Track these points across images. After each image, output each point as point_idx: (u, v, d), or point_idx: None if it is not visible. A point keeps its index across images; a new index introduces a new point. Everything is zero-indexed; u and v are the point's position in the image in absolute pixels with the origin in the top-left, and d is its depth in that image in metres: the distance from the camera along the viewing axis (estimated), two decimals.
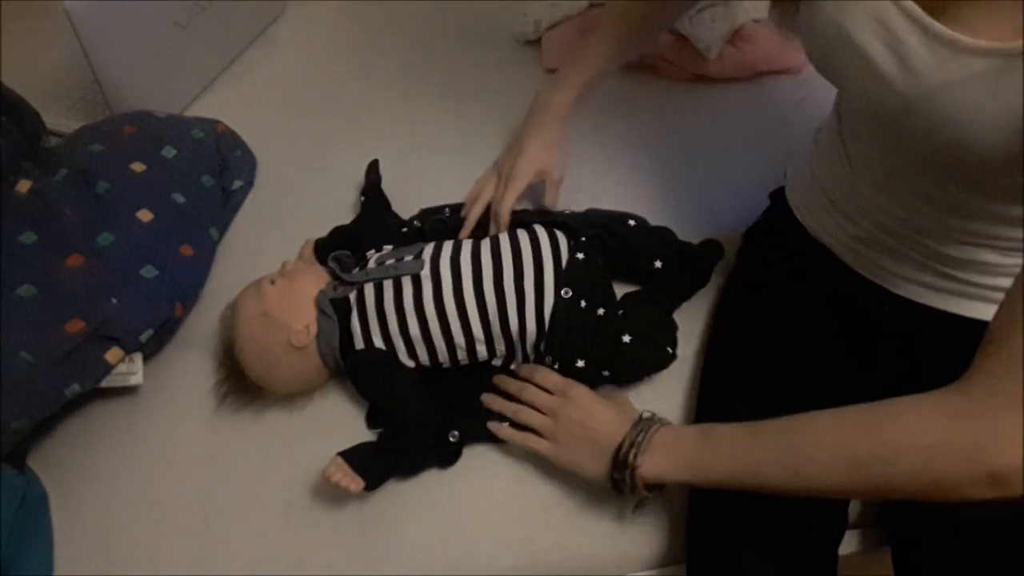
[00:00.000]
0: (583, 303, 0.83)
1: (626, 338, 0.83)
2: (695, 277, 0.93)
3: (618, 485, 0.73)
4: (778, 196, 0.91)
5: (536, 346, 0.84)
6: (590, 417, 0.77)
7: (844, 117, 0.78)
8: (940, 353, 0.66)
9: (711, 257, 0.93)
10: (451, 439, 0.83)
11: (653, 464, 0.70)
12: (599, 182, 1.03)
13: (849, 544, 0.80)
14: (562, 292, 0.83)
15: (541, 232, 0.88)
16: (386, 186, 1.05)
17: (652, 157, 1.07)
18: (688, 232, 0.94)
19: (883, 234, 0.75)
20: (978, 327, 0.71)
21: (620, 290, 0.89)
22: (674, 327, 0.88)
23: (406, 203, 1.01)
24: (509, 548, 0.80)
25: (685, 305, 0.92)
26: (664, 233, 0.92)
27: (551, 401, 0.80)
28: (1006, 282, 0.68)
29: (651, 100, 1.16)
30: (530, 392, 0.82)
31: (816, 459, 0.62)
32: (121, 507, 0.82)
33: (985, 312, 0.72)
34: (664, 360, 0.86)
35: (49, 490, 0.82)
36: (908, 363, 0.77)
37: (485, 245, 0.87)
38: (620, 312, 0.85)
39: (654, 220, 0.94)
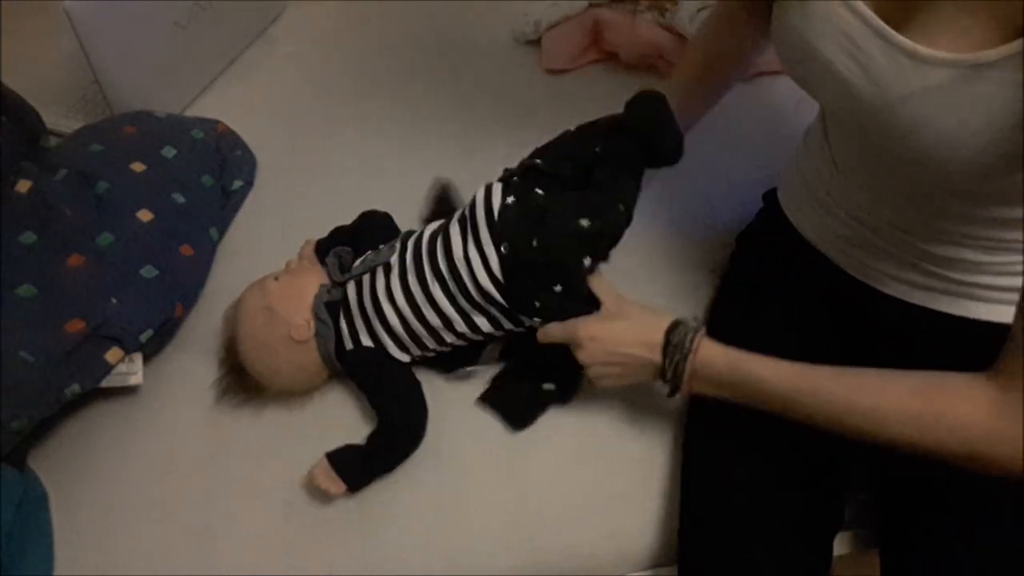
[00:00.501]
0: (532, 246, 0.78)
1: (584, 222, 0.76)
2: (644, 143, 0.80)
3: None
4: (771, 197, 0.91)
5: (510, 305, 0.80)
6: (612, 350, 0.75)
7: (827, 120, 0.79)
8: (933, 351, 0.66)
9: (643, 121, 0.80)
10: (546, 388, 0.83)
11: (695, 387, 0.73)
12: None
13: (841, 545, 0.80)
14: (501, 248, 0.78)
15: (479, 194, 0.83)
16: (386, 186, 1.05)
17: None
18: (684, 232, 0.94)
19: (870, 233, 0.76)
20: (968, 325, 0.72)
21: None
22: (624, 190, 0.80)
23: (406, 203, 1.01)
24: (509, 548, 0.80)
25: (682, 305, 0.92)
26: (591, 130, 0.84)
27: (574, 354, 0.78)
28: (992, 279, 0.69)
29: None
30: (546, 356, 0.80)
31: (868, 415, 0.63)
32: (121, 507, 0.82)
33: (974, 310, 0.72)
34: (620, 220, 0.79)
35: (49, 490, 0.82)
36: (903, 362, 0.77)
37: (449, 222, 0.84)
38: (570, 211, 0.78)
39: (652, 220, 0.94)
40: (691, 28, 1.13)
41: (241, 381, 0.87)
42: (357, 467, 0.80)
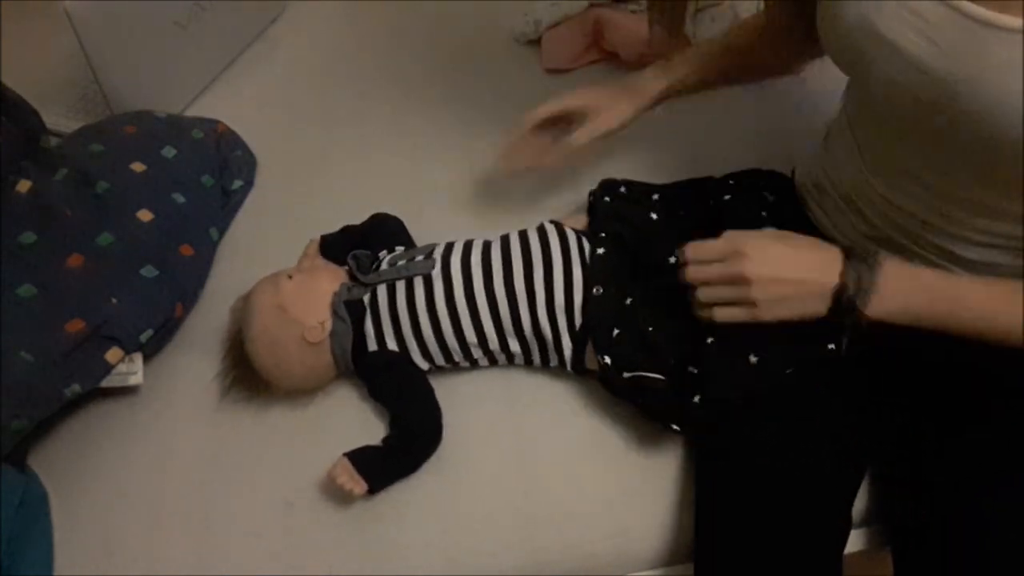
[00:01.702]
0: (613, 296, 0.81)
1: (650, 328, 0.79)
2: None
3: (834, 320, 0.68)
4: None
5: (555, 344, 0.83)
6: (783, 268, 0.68)
7: (859, 117, 0.77)
8: (954, 351, 0.66)
9: None
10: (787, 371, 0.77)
11: (882, 306, 0.66)
12: (598, 182, 1.03)
13: (851, 544, 0.80)
14: (594, 290, 0.82)
15: (551, 230, 0.87)
16: (385, 186, 1.05)
17: (651, 157, 1.07)
18: None
19: (897, 234, 0.75)
20: None
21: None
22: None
23: (405, 203, 1.01)
24: (509, 548, 0.80)
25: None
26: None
27: (724, 269, 0.70)
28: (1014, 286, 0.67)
29: None
30: (693, 271, 0.72)
31: None
32: (121, 507, 0.82)
33: None
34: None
35: (49, 490, 0.82)
36: (923, 361, 0.77)
37: (495, 244, 0.87)
38: (644, 304, 0.81)
39: None
40: (691, 28, 1.13)
41: (247, 376, 0.87)
42: (379, 468, 0.80)
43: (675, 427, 0.78)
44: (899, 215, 0.74)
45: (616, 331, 0.80)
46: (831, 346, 0.74)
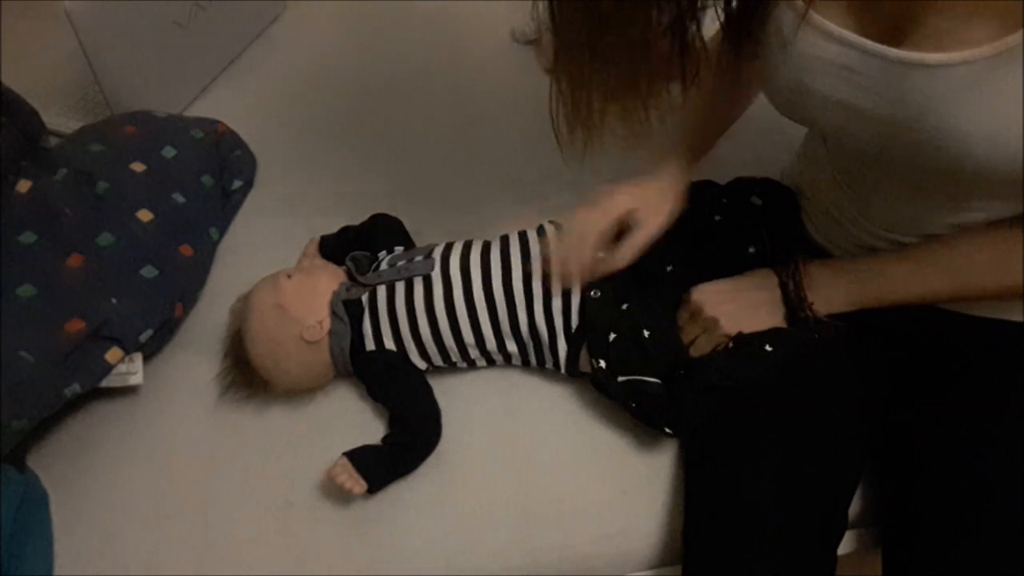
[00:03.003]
0: (610, 300, 0.82)
1: (645, 332, 0.80)
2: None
3: (803, 323, 0.76)
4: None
5: (551, 345, 0.84)
6: (730, 297, 0.79)
7: (834, 151, 0.78)
8: (945, 348, 0.66)
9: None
10: (767, 348, 0.79)
11: (826, 305, 0.75)
12: (598, 183, 1.03)
13: (845, 544, 0.80)
14: (591, 293, 0.82)
15: (551, 232, 0.87)
16: (385, 186, 1.05)
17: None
18: None
19: (880, 243, 0.76)
20: (979, 324, 0.72)
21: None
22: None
23: (405, 203, 1.01)
24: (508, 548, 0.80)
25: None
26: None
27: (693, 318, 0.80)
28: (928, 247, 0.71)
29: None
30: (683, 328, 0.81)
31: (977, 278, 0.68)
32: (121, 507, 0.82)
33: (1004, 311, 0.73)
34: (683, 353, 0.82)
35: (49, 490, 0.82)
36: (917, 358, 0.78)
37: (495, 245, 0.87)
38: (640, 309, 0.82)
39: None
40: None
41: (246, 376, 0.87)
42: (379, 467, 0.80)
43: (667, 430, 0.79)
44: (879, 228, 0.75)
45: (612, 335, 0.80)
46: (816, 335, 0.78)
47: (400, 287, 0.85)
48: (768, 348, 0.77)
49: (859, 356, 0.80)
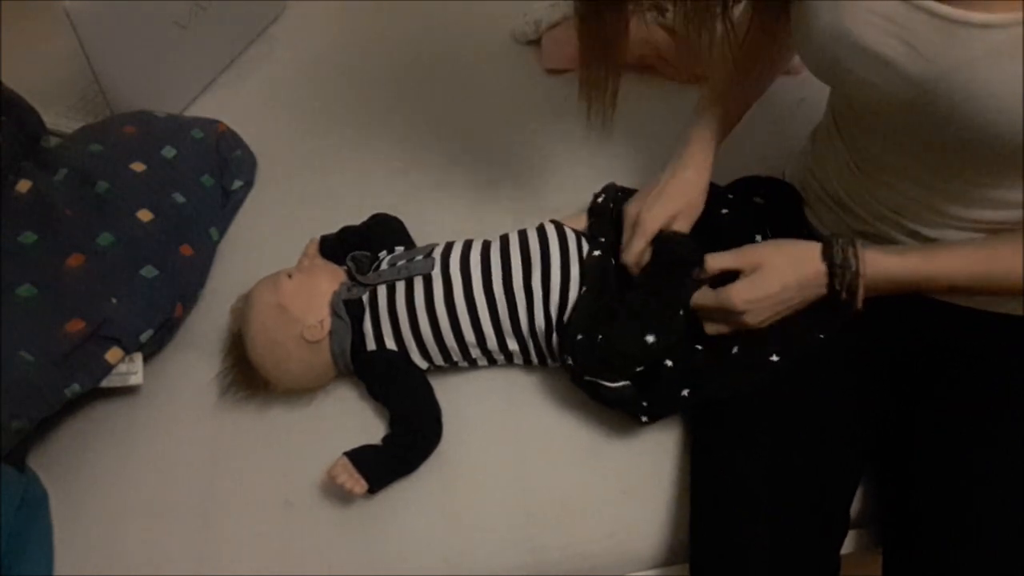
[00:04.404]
0: (592, 299, 0.82)
1: (649, 338, 0.77)
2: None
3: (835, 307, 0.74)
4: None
5: (549, 343, 0.84)
6: (778, 299, 0.74)
7: (844, 118, 0.78)
8: (945, 344, 0.66)
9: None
10: (774, 359, 0.78)
11: (872, 291, 0.72)
12: (598, 182, 1.03)
13: (846, 544, 0.80)
14: (581, 289, 0.82)
15: (551, 230, 0.87)
16: (386, 186, 1.05)
17: (652, 157, 1.07)
18: None
19: (887, 228, 0.76)
20: (979, 317, 0.72)
21: None
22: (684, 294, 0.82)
23: (405, 203, 1.01)
24: (509, 548, 0.80)
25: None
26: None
27: (718, 304, 0.76)
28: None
29: (651, 100, 1.16)
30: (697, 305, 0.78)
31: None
32: (121, 507, 0.82)
33: (984, 302, 0.73)
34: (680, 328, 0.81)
35: (49, 490, 0.82)
36: (916, 354, 0.77)
37: (495, 244, 0.87)
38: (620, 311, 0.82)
39: None
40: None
41: (247, 375, 0.87)
42: (379, 467, 0.80)
43: (644, 418, 0.80)
44: (889, 211, 0.75)
45: (580, 336, 0.79)
46: (821, 335, 0.77)
47: (401, 287, 0.85)
48: (774, 358, 0.77)
49: (859, 353, 0.80)
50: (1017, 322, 0.74)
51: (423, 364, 0.86)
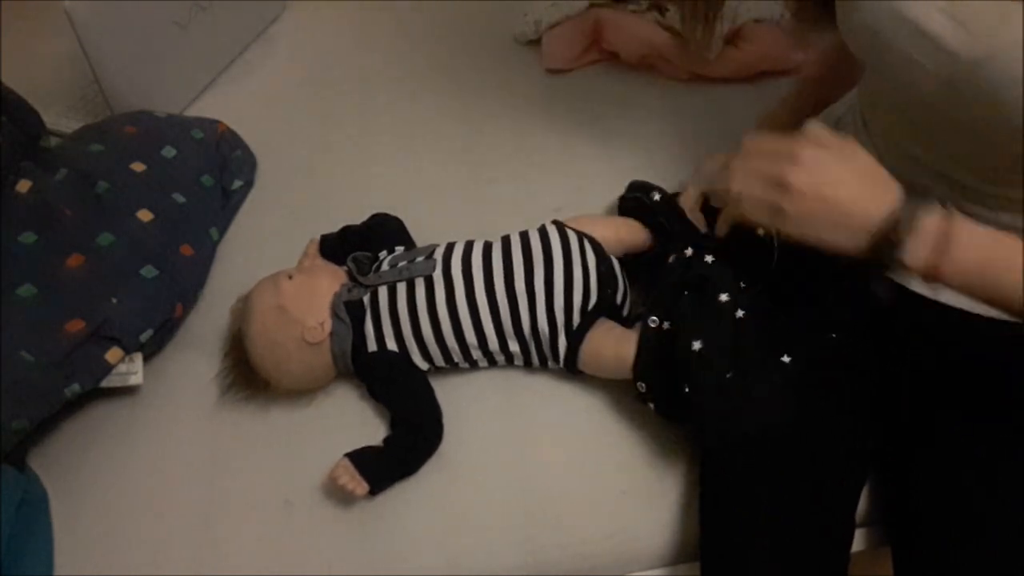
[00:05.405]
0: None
1: (696, 345, 0.75)
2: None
3: (872, 259, 0.60)
4: None
5: (552, 344, 0.84)
6: (829, 185, 0.60)
7: (874, 108, 0.77)
8: (968, 353, 0.65)
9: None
10: (785, 359, 0.76)
11: (923, 259, 0.59)
12: (598, 182, 1.03)
13: (858, 542, 0.80)
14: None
15: (552, 231, 0.87)
16: (386, 186, 1.04)
17: (652, 157, 1.07)
18: None
19: None
20: (983, 321, 0.72)
21: None
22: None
23: (405, 203, 1.01)
24: (509, 548, 0.80)
25: None
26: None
27: (770, 166, 0.63)
28: None
29: (651, 100, 1.16)
30: (740, 163, 0.65)
31: None
32: (121, 507, 0.82)
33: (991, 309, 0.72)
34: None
35: (49, 490, 0.82)
36: (927, 355, 0.77)
37: (496, 245, 0.87)
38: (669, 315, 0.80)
39: None
40: (719, 27, 1.13)
41: (247, 376, 0.87)
42: (380, 469, 0.80)
43: (651, 405, 0.80)
44: None
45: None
46: (833, 335, 0.76)
47: (402, 288, 0.85)
48: (785, 359, 0.76)
49: (866, 356, 0.80)
50: (1020, 323, 0.74)
51: (424, 365, 0.86)
